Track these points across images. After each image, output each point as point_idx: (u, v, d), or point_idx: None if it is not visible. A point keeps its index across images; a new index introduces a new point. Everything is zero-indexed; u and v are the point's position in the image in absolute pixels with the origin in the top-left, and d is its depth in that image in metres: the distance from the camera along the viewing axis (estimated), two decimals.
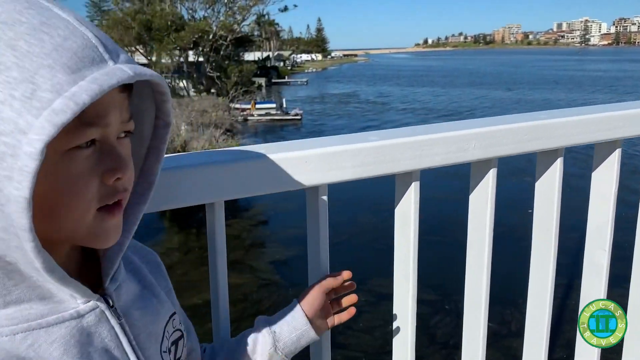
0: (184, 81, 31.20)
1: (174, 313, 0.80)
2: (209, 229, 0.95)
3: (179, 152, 17.93)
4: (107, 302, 0.66)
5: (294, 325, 0.95)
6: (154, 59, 29.72)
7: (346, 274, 1.01)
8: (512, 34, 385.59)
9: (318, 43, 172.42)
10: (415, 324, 1.14)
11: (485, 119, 1.19)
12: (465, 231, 1.20)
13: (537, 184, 1.26)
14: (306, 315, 0.96)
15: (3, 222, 0.53)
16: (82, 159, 0.57)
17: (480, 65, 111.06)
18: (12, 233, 0.53)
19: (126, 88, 0.61)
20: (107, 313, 0.66)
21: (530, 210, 1.29)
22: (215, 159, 0.90)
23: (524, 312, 1.33)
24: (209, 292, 1.00)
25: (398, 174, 1.05)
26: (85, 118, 0.55)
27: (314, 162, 0.95)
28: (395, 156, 1.01)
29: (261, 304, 9.92)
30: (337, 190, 1.01)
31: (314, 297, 0.97)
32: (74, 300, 0.64)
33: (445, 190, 14.26)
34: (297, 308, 0.96)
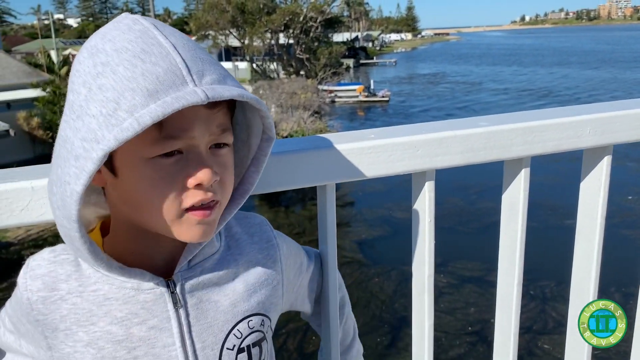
0: (275, 63, 31.82)
1: (255, 315, 0.79)
2: (320, 210, 0.99)
3: None
4: (169, 286, 0.72)
5: None
6: (246, 42, 30.51)
7: None
8: (620, 8, 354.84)
9: (408, 22, 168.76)
10: (519, 313, 1.13)
11: (601, 103, 1.14)
12: (563, 218, 1.16)
13: None
14: None
15: (66, 212, 0.63)
16: (166, 166, 0.64)
17: (578, 43, 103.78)
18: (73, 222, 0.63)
19: (218, 104, 0.66)
20: (166, 296, 0.72)
21: (630, 197, 1.22)
22: (328, 143, 0.93)
23: (625, 304, 1.27)
24: None
25: (507, 160, 1.04)
26: (168, 132, 0.63)
27: (422, 148, 0.96)
28: (505, 142, 1.00)
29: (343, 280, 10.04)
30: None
31: None
32: (144, 275, 0.72)
33: (545, 173, 13.60)
34: None
